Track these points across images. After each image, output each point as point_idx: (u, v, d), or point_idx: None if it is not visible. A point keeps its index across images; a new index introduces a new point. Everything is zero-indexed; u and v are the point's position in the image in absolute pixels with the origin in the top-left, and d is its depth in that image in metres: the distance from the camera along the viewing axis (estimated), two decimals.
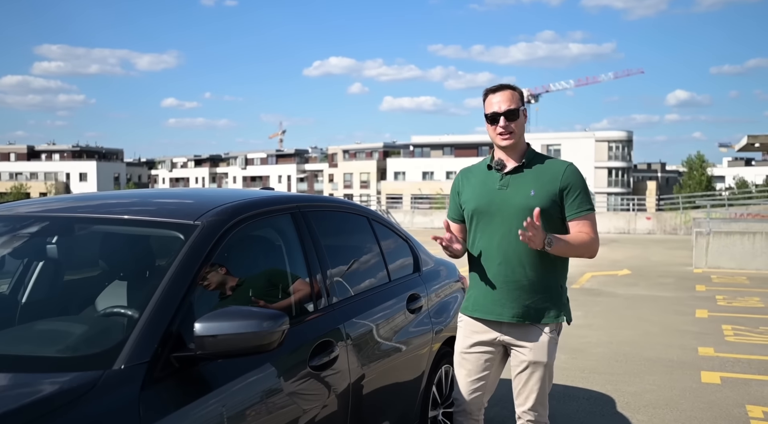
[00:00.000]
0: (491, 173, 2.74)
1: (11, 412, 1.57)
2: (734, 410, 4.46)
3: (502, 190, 2.69)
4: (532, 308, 2.67)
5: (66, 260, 2.53)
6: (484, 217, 2.70)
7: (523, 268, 2.64)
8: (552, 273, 2.70)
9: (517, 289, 2.66)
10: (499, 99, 2.68)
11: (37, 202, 2.83)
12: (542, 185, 2.65)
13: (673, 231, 25.84)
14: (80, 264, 2.55)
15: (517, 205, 2.63)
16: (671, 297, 9.59)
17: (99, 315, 2.16)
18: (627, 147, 60.74)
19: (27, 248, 2.60)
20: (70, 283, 2.47)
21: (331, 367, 2.47)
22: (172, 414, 1.81)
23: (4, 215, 2.63)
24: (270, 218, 2.65)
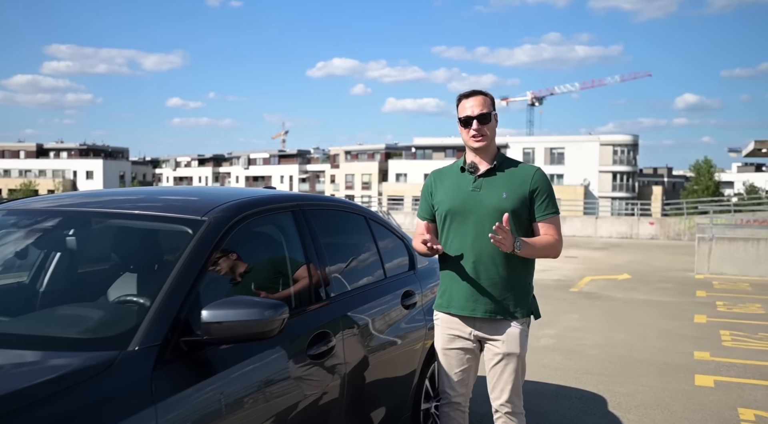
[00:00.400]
0: (464, 176, 2.87)
1: (41, 384, 1.73)
2: (726, 413, 4.56)
3: (475, 192, 2.81)
4: (504, 304, 2.80)
5: (83, 252, 2.67)
6: (458, 217, 2.83)
7: (496, 266, 2.78)
8: (522, 271, 2.84)
9: (490, 286, 2.79)
10: (472, 103, 2.81)
11: (53, 198, 2.97)
12: (513, 188, 2.78)
13: (676, 237, 25.88)
14: (96, 255, 2.70)
15: (490, 206, 2.77)
16: (670, 302, 9.68)
17: (114, 302, 2.31)
18: (632, 151, 60.68)
19: (46, 240, 2.76)
20: (87, 273, 2.62)
21: (327, 356, 2.59)
22: (181, 393, 1.95)
23: (23, 209, 2.79)
24: (272, 215, 2.79)
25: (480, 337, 2.87)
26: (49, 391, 1.72)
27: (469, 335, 2.87)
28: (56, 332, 2.13)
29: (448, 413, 2.96)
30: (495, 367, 2.85)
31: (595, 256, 17.72)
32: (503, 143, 62.22)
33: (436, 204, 2.91)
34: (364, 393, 2.89)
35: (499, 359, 2.83)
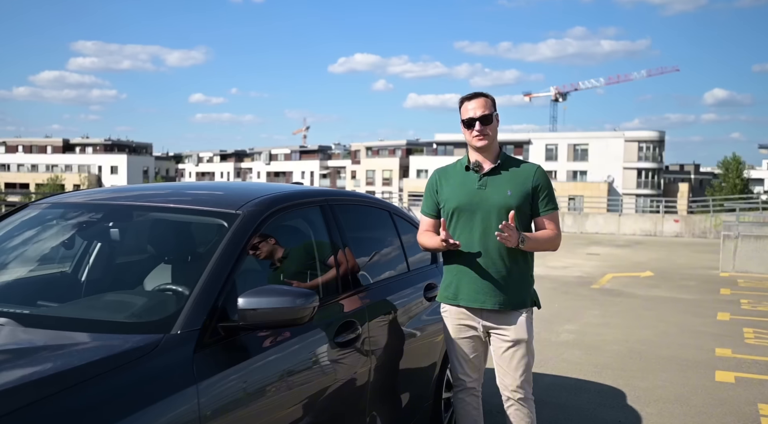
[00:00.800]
0: (469, 174, 3.00)
1: (95, 362, 1.89)
2: (745, 408, 4.60)
3: (481, 190, 2.95)
4: (511, 295, 2.94)
5: (125, 243, 2.84)
6: (465, 214, 2.95)
7: (502, 260, 2.91)
8: (524, 264, 2.98)
9: (497, 279, 2.92)
10: (474, 105, 2.95)
11: (94, 192, 3.14)
12: (517, 185, 2.92)
13: (702, 234, 25.59)
14: (137, 246, 2.86)
15: (496, 203, 2.91)
16: (693, 299, 9.65)
17: (157, 290, 2.46)
18: (658, 147, 59.96)
19: (90, 232, 2.93)
20: (130, 262, 2.78)
21: (353, 344, 2.72)
22: (220, 373, 2.09)
23: (67, 203, 2.97)
24: (301, 209, 2.92)
25: (488, 327, 2.99)
26: (105, 368, 1.87)
27: (478, 325, 3.00)
28: (104, 316, 2.29)
29: (463, 399, 3.10)
30: (504, 354, 2.97)
31: (617, 253, 17.64)
32: (526, 139, 61.96)
33: (443, 201, 3.04)
34: (388, 380, 3.01)
35: (509, 347, 2.95)
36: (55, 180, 65.51)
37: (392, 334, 3.07)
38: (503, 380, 3.01)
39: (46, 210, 3.03)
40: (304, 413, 2.41)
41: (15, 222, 2.99)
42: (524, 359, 2.96)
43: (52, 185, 60.17)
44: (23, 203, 3.08)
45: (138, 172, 78.86)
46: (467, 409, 3.12)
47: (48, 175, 70.97)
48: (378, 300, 3.05)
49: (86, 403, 1.76)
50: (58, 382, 1.77)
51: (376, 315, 2.96)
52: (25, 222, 3.00)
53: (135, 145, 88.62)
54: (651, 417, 4.38)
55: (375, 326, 2.92)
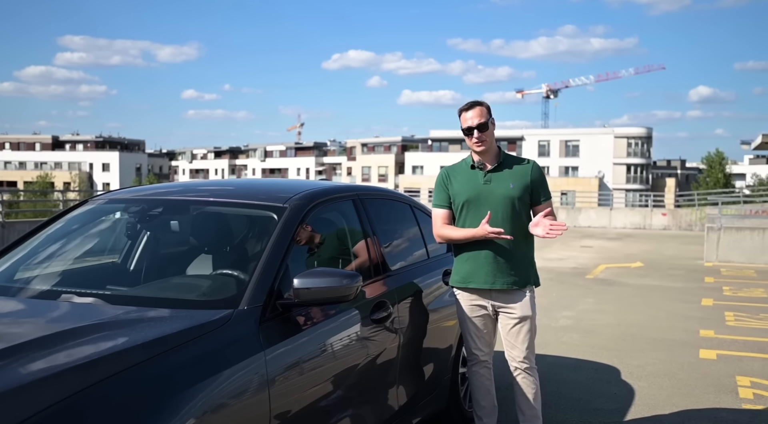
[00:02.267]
0: (475, 172, 3.42)
1: (181, 331, 2.26)
2: (725, 380, 5.07)
3: (487, 185, 3.36)
4: (517, 276, 3.36)
5: (186, 233, 3.23)
6: (474, 205, 3.36)
7: (508, 244, 3.33)
8: (527, 248, 3.41)
9: (504, 262, 3.34)
10: (472, 115, 3.34)
11: (149, 189, 3.53)
12: (517, 179, 3.36)
13: (688, 227, 26.22)
14: (197, 237, 3.23)
15: (500, 195, 3.33)
16: (680, 287, 10.16)
17: (218, 274, 2.85)
18: (646, 143, 60.72)
19: (154, 224, 3.31)
20: (191, 250, 3.15)
21: (385, 322, 3.12)
22: (280, 342, 2.48)
23: (130, 199, 3.36)
24: (337, 202, 3.33)
25: (496, 306, 3.41)
26: (193, 335, 2.24)
27: (488, 305, 3.41)
28: (179, 295, 2.68)
29: (477, 371, 3.52)
30: (512, 330, 3.38)
31: (609, 245, 18.17)
32: (519, 136, 62.44)
33: (453, 195, 3.44)
34: (414, 355, 3.42)
35: (516, 323, 3.37)
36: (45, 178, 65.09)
37: (417, 314, 3.47)
38: (511, 352, 3.43)
39: (106, 205, 3.40)
40: (346, 379, 2.81)
41: (79, 216, 3.35)
42: (529, 333, 3.39)
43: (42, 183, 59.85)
44: (84, 199, 3.47)
45: (130, 170, 78.28)
46: (481, 380, 3.54)
47: (37, 173, 70.30)
48: (404, 283, 3.45)
49: (182, 362, 2.13)
50: (159, 345, 2.14)
51: (403, 297, 3.36)
52: (88, 216, 3.37)
53: (127, 142, 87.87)
54: (642, 389, 4.83)
55: (403, 307, 3.32)
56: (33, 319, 2.47)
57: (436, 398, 3.70)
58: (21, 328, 2.36)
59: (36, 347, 2.06)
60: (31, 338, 2.12)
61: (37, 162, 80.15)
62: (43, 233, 3.22)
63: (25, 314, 2.53)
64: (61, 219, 3.32)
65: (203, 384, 2.10)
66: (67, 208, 3.45)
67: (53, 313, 2.49)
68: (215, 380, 2.15)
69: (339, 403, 2.76)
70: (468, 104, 3.40)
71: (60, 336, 2.15)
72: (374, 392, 3.09)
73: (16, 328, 2.37)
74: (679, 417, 4.27)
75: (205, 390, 2.09)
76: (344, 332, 2.86)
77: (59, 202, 28.67)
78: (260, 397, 2.29)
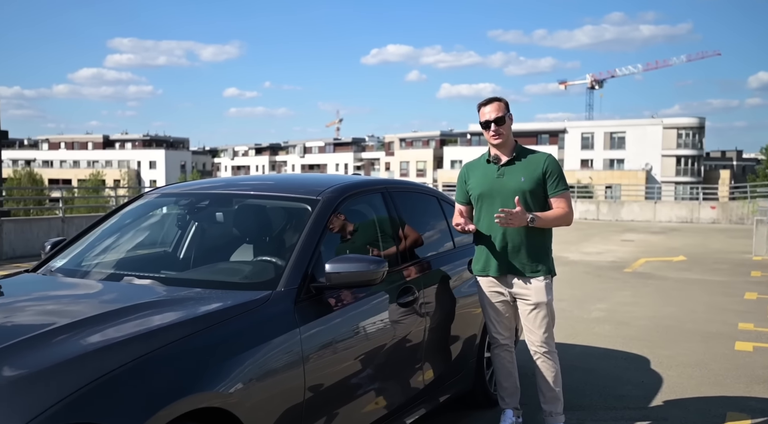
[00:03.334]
0: (490, 166, 3.60)
1: (226, 308, 2.54)
2: (759, 371, 5.09)
3: (500, 178, 3.54)
4: (531, 264, 3.52)
5: (230, 223, 3.52)
6: (488, 199, 3.54)
7: (520, 236, 3.49)
8: (541, 238, 3.55)
9: (518, 251, 3.51)
10: (489, 109, 3.54)
11: (196, 184, 3.86)
12: (529, 173, 3.51)
13: (739, 221, 25.51)
14: (239, 226, 3.52)
15: (512, 188, 3.49)
16: (723, 281, 10.03)
17: (262, 259, 3.14)
18: (698, 134, 59.08)
19: (201, 216, 3.63)
20: (234, 238, 3.44)
21: (411, 306, 3.34)
22: (314, 321, 2.74)
23: (176, 193, 3.70)
24: (367, 195, 3.56)
25: (514, 293, 3.58)
26: (237, 312, 2.53)
27: (505, 291, 3.60)
28: (224, 278, 2.98)
29: (499, 354, 3.71)
30: (529, 315, 3.56)
31: (651, 239, 17.91)
32: (561, 128, 61.66)
33: (470, 189, 3.65)
34: (440, 337, 3.62)
35: (532, 309, 3.54)
36: (96, 176, 67.36)
37: (443, 299, 3.67)
38: (530, 337, 3.60)
39: (159, 199, 3.77)
40: (374, 357, 3.05)
41: (135, 210, 3.70)
42: (546, 318, 3.55)
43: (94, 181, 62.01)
44: (139, 194, 3.82)
45: (176, 167, 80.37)
46: (503, 362, 3.72)
47: (89, 171, 72.89)
48: (431, 271, 3.66)
49: (228, 334, 2.43)
50: (207, 319, 2.45)
51: (429, 283, 3.57)
52: (143, 209, 3.72)
53: (172, 140, 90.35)
54: (671, 378, 4.91)
55: (429, 292, 3.53)
56: (103, 296, 2.82)
57: (462, 379, 3.91)
58: (93, 303, 2.73)
59: (108, 318, 2.40)
60: (103, 311, 2.47)
61: (89, 161, 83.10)
62: (104, 225, 3.60)
63: (96, 292, 2.89)
64: (118, 213, 3.68)
65: (247, 353, 2.40)
66: (123, 203, 3.81)
67: (119, 291, 2.84)
68: (257, 351, 2.43)
69: (367, 379, 3.01)
70: (486, 100, 3.61)
71: (125, 310, 2.48)
72: (400, 370, 3.31)
73: (89, 303, 2.75)
74: (706, 404, 4.35)
75: (249, 359, 2.39)
76: (372, 314, 3.10)
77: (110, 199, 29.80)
78: (296, 370, 2.56)
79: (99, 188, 45.86)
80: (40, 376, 2.00)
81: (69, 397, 1.92)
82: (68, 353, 2.11)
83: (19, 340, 2.18)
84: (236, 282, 2.90)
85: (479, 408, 4.12)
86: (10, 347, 2.14)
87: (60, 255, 3.39)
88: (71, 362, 2.07)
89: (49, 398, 1.91)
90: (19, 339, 2.18)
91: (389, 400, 3.19)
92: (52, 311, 2.69)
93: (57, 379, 1.99)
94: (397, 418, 3.24)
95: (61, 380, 1.98)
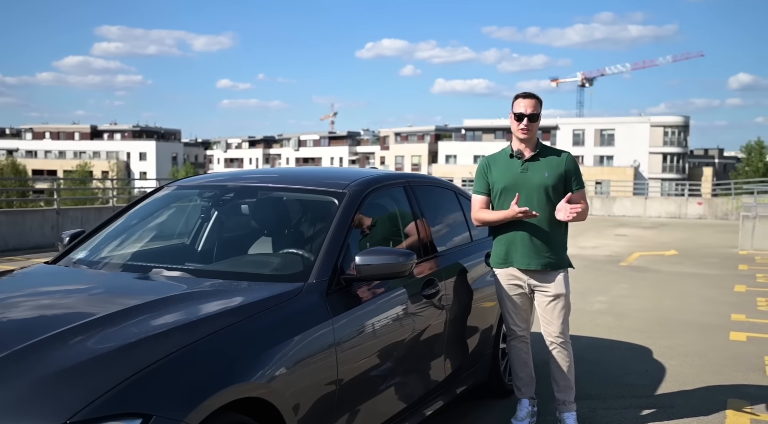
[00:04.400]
0: (513, 160, 3.69)
1: (264, 299, 2.61)
2: (754, 360, 5.29)
3: (523, 173, 3.64)
4: (551, 257, 3.63)
5: (256, 216, 3.59)
6: (511, 192, 3.62)
7: (543, 229, 3.61)
8: (560, 232, 3.68)
9: (539, 244, 3.62)
10: (526, 104, 3.63)
11: (218, 176, 3.89)
12: (552, 169, 3.64)
13: (724, 216, 25.93)
14: (266, 219, 3.58)
15: (536, 183, 3.61)
16: (713, 274, 10.28)
17: (292, 252, 3.20)
18: (683, 132, 59.69)
19: (226, 208, 3.68)
20: (261, 230, 3.49)
21: (435, 297, 3.43)
22: (344, 312, 2.80)
23: (202, 185, 3.76)
24: (390, 188, 3.64)
25: (532, 285, 3.70)
26: (271, 304, 2.59)
27: (524, 284, 3.71)
28: (255, 270, 3.03)
29: (515, 345, 3.82)
30: (547, 307, 3.67)
31: (643, 234, 18.19)
32: (553, 125, 61.92)
33: (492, 182, 3.73)
34: (460, 330, 3.72)
35: (551, 300, 3.66)
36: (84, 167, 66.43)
37: (462, 292, 3.77)
38: (547, 328, 3.73)
39: (180, 191, 3.78)
40: (401, 349, 3.13)
41: (156, 201, 3.73)
42: (563, 310, 3.68)
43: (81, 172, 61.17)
44: (159, 186, 3.85)
45: (167, 159, 78.87)
46: (519, 353, 3.85)
47: (76, 162, 71.53)
48: (450, 263, 3.76)
49: (267, 325, 2.48)
50: (247, 310, 2.51)
51: (450, 276, 3.66)
52: (164, 201, 3.75)
53: (163, 131, 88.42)
54: (673, 368, 5.08)
55: (449, 285, 3.62)
56: (136, 288, 2.86)
57: (478, 370, 4.02)
58: (128, 295, 2.74)
59: (147, 309, 2.45)
60: (141, 303, 2.51)
61: (76, 151, 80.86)
62: (124, 217, 3.62)
63: (127, 284, 2.92)
64: (138, 205, 3.71)
65: (284, 344, 2.45)
66: (143, 195, 3.83)
67: (151, 283, 2.89)
68: (294, 342, 2.49)
69: (392, 370, 3.08)
70: (526, 93, 3.70)
71: (163, 301, 2.54)
72: (424, 362, 3.41)
73: (124, 295, 2.76)
74: (708, 392, 4.52)
75: (287, 350, 2.44)
76: (399, 306, 3.18)
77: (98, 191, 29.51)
78: (330, 361, 2.63)
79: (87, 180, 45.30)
80: (86, 367, 2.02)
81: (116, 387, 1.94)
82: (113, 344, 2.14)
83: (64, 330, 2.20)
84: (267, 274, 2.96)
85: (493, 398, 4.25)
86: (55, 337, 2.16)
87: (80, 247, 3.39)
88: (116, 353, 2.10)
89: (97, 388, 1.92)
90: (62, 329, 2.21)
91: (413, 391, 3.28)
92: (88, 302, 2.69)
93: (103, 370, 2.01)
94: (417, 410, 3.31)
95: (108, 371, 2.00)
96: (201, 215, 3.69)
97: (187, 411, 1.97)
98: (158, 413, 1.93)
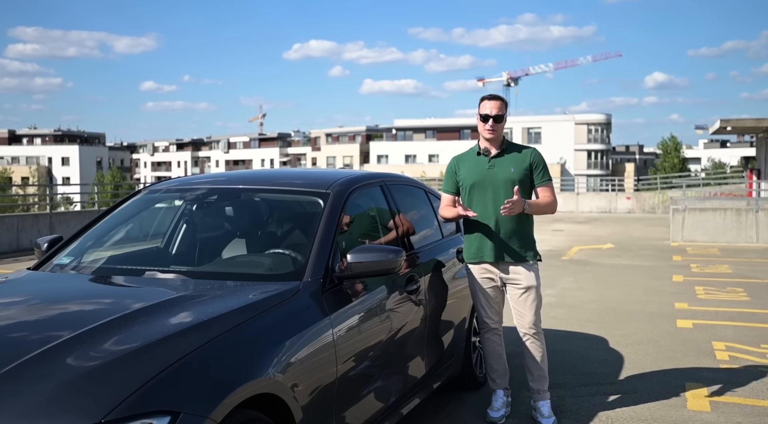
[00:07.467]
0: (480, 158, 3.83)
1: (266, 298, 2.62)
2: (703, 345, 5.61)
3: (491, 169, 3.77)
4: (521, 250, 3.77)
5: (241, 217, 3.56)
6: (479, 188, 3.76)
7: (512, 223, 3.74)
8: (528, 226, 3.83)
9: (509, 238, 3.75)
10: (492, 105, 3.78)
11: (201, 178, 3.87)
12: (518, 164, 3.79)
13: (651, 210, 27.25)
14: (252, 220, 3.57)
15: (503, 179, 3.74)
16: (651, 266, 10.79)
17: (278, 252, 3.19)
18: (606, 130, 62.27)
19: (210, 210, 3.64)
20: (247, 232, 3.47)
21: (416, 293, 3.50)
22: (341, 309, 2.86)
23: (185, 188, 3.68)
24: (369, 188, 3.69)
25: (504, 278, 3.82)
26: (273, 303, 2.61)
27: (497, 277, 3.82)
28: (248, 270, 3.04)
29: (489, 338, 3.94)
30: (519, 299, 3.80)
31: (579, 229, 18.87)
32: None
33: (461, 180, 3.85)
34: (438, 325, 3.81)
35: (523, 292, 3.79)
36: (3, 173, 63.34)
37: (439, 287, 3.85)
38: (520, 320, 3.85)
39: (162, 194, 3.73)
40: (391, 343, 3.20)
41: (137, 204, 3.66)
42: (535, 301, 3.81)
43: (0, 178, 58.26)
44: (138, 189, 3.77)
45: (91, 164, 76.48)
46: (493, 346, 3.96)
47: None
48: (427, 260, 3.83)
49: (273, 322, 2.52)
50: (254, 308, 2.53)
51: (428, 272, 3.74)
52: (145, 204, 3.69)
53: (87, 135, 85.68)
54: (630, 355, 5.32)
55: (428, 280, 3.70)
56: (136, 291, 2.85)
57: (453, 364, 4.11)
58: (132, 298, 2.73)
59: (156, 310, 2.44)
60: (149, 304, 2.51)
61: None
62: (105, 221, 3.55)
63: (126, 287, 2.91)
64: (118, 208, 3.64)
65: (290, 341, 2.49)
66: (123, 198, 3.75)
67: (150, 286, 2.87)
68: (297, 338, 2.54)
69: (386, 362, 3.16)
70: (491, 95, 3.85)
71: (170, 303, 2.55)
72: (408, 357, 3.48)
73: (126, 298, 2.75)
74: (666, 377, 4.76)
75: (292, 346, 2.49)
76: (386, 301, 3.24)
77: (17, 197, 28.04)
78: (330, 356, 2.68)
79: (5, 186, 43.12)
80: (113, 367, 2.05)
81: (143, 386, 1.97)
82: (134, 345, 2.16)
83: (82, 332, 2.21)
84: (262, 274, 2.97)
85: (466, 390, 4.35)
86: (76, 338, 2.17)
87: (63, 252, 3.33)
88: (139, 353, 2.12)
89: (126, 387, 1.96)
90: (81, 331, 2.21)
91: (400, 384, 3.35)
92: (94, 306, 2.68)
93: (129, 369, 2.04)
94: (400, 405, 3.35)
95: (134, 371, 2.03)
96: (185, 218, 3.64)
97: (212, 408, 2.03)
98: (185, 410, 1.97)
